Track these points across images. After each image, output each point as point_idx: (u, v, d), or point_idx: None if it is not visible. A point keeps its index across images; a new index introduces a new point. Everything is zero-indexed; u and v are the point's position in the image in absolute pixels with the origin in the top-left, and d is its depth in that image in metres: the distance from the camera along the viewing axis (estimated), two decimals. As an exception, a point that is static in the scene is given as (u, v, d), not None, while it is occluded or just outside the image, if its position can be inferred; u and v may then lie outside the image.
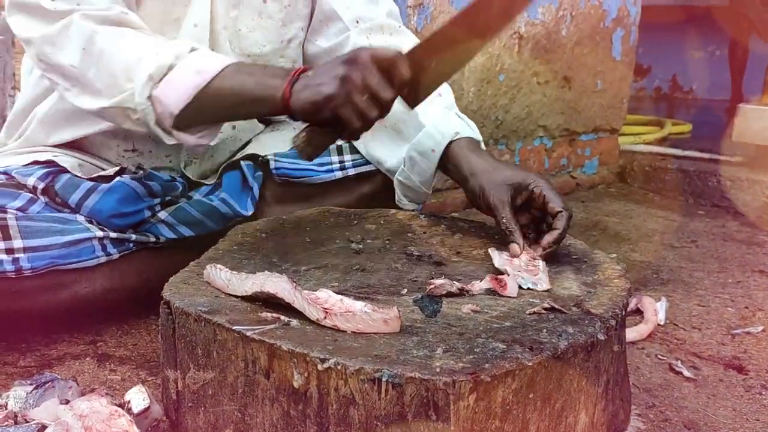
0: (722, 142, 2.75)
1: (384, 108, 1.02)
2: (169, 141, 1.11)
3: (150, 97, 1.05)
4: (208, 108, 1.08)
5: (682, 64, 5.25)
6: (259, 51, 1.34)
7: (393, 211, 1.27)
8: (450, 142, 1.20)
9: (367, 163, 1.40)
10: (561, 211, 1.06)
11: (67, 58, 1.08)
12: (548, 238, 1.05)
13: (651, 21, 3.05)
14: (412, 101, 1.07)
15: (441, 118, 1.23)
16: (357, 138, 1.07)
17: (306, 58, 1.45)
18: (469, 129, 1.23)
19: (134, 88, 1.05)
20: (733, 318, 1.40)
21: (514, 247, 1.03)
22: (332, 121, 1.02)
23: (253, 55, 1.34)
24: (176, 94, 1.05)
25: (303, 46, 1.43)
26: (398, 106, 1.09)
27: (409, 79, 1.02)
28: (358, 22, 1.36)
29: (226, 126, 1.33)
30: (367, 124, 1.03)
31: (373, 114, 1.01)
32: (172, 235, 1.27)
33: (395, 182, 1.33)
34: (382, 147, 1.34)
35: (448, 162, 1.21)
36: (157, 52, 1.06)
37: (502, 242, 1.07)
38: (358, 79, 0.99)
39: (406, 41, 1.36)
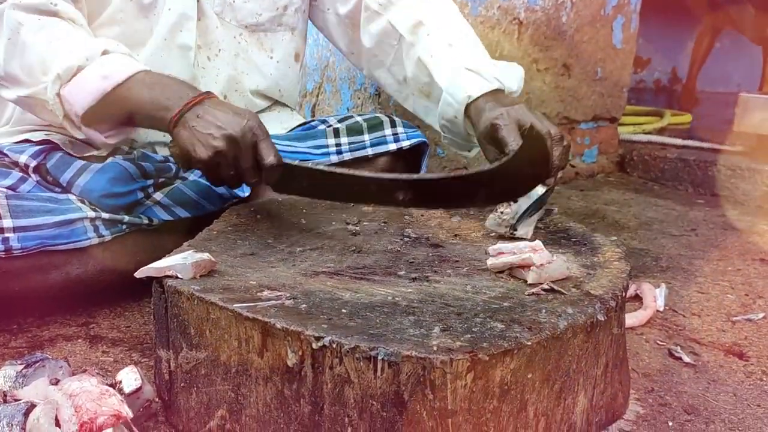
0: (722, 133, 2.74)
1: (241, 183, 1.09)
2: (79, 135, 1.12)
3: (58, 95, 1.06)
4: (112, 112, 1.09)
5: (682, 57, 5.23)
6: (255, 20, 1.33)
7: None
8: (467, 105, 1.21)
9: (365, 147, 1.38)
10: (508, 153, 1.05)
11: None
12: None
13: (650, 12, 3.03)
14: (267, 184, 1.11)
15: (452, 80, 1.25)
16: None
17: (325, 29, 1.48)
18: (479, 83, 1.21)
19: (46, 83, 1.06)
20: (733, 305, 1.39)
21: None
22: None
23: (251, 25, 1.33)
24: (81, 96, 1.06)
25: (313, 15, 1.43)
26: (413, 68, 1.27)
27: (274, 178, 1.07)
28: None
29: None
30: (231, 186, 1.10)
31: (233, 186, 1.09)
32: (167, 217, 1.25)
33: (443, 139, 1.37)
34: (419, 108, 1.39)
35: (470, 120, 1.22)
36: (71, 51, 1.07)
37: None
38: (232, 160, 1.03)
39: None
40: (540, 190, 1.04)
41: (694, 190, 2.48)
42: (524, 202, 1.04)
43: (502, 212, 1.06)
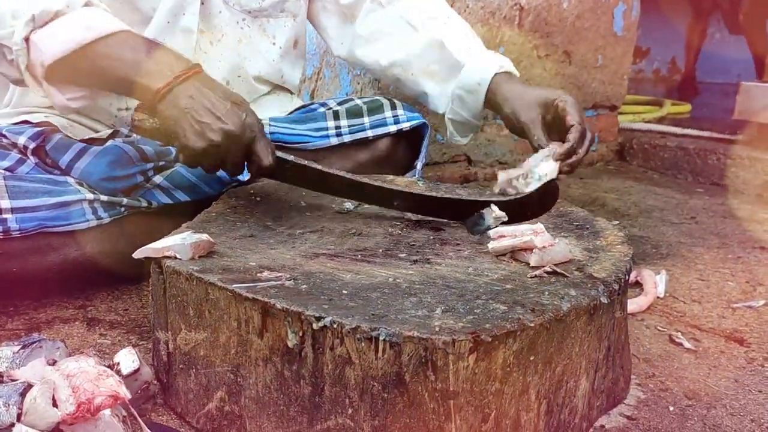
0: (722, 122, 2.73)
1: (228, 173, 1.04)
2: (38, 93, 1.04)
3: (27, 40, 0.98)
4: (83, 69, 1.00)
5: (681, 47, 5.21)
6: (258, 6, 1.32)
7: (391, 177, 1.25)
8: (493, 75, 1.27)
9: (365, 129, 1.37)
10: (573, 125, 1.11)
11: None
12: (559, 150, 1.08)
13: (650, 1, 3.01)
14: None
15: (480, 55, 1.32)
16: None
17: (315, 16, 1.47)
18: (509, 64, 1.31)
19: (14, 27, 0.98)
20: (733, 292, 1.38)
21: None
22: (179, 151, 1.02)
23: (254, 10, 1.32)
24: (54, 43, 0.97)
25: (311, 7, 1.44)
26: (429, 50, 1.33)
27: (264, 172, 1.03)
28: None
29: None
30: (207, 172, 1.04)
31: (214, 173, 1.05)
32: (167, 200, 1.24)
33: (446, 121, 1.39)
34: (419, 88, 1.41)
35: (487, 93, 1.28)
36: None
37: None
38: (223, 153, 0.99)
39: None
40: (552, 165, 1.05)
41: (694, 178, 2.47)
42: (533, 163, 1.05)
43: (510, 175, 1.07)
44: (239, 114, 0.99)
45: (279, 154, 1.04)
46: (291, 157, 1.06)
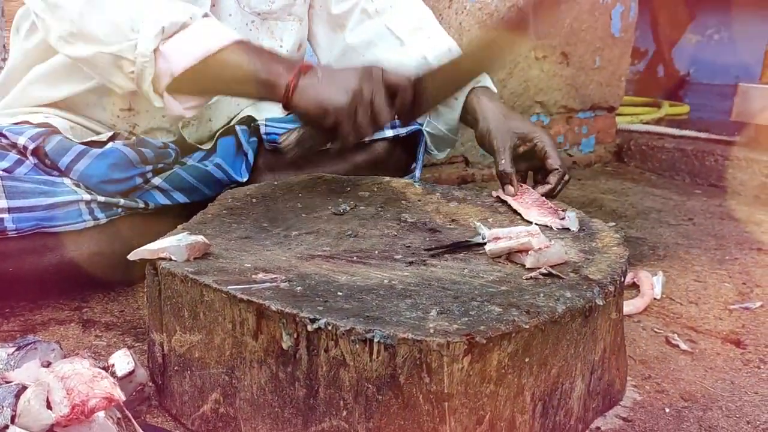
0: (720, 123, 2.73)
1: (379, 128, 1.07)
2: (157, 103, 1.08)
3: (155, 51, 1.02)
4: (208, 77, 1.05)
5: (679, 48, 5.21)
6: (268, 8, 1.33)
7: (387, 178, 1.25)
8: (470, 90, 1.27)
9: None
10: (557, 169, 1.15)
11: (70, 1, 1.05)
12: (540, 190, 1.14)
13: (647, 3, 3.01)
14: (406, 120, 1.17)
15: None
16: (343, 151, 1.11)
17: (310, 28, 1.46)
18: (488, 80, 1.31)
19: (138, 39, 1.02)
20: (730, 294, 1.38)
21: (509, 189, 1.13)
22: (328, 129, 1.04)
23: (263, 12, 1.33)
24: (184, 53, 1.02)
25: (309, 13, 1.45)
26: (412, 64, 1.26)
27: (409, 103, 1.08)
28: None
29: None
30: (359, 139, 1.06)
31: (369, 132, 1.06)
32: (166, 201, 1.24)
33: (425, 134, 1.39)
34: None
35: (464, 107, 1.28)
36: (171, 8, 1.03)
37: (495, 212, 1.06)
38: (368, 98, 1.02)
39: (408, 2, 1.43)
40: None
41: (692, 179, 2.48)
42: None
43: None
44: (360, 67, 1.05)
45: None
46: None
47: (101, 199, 1.16)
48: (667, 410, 0.94)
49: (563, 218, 1.04)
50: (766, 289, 1.41)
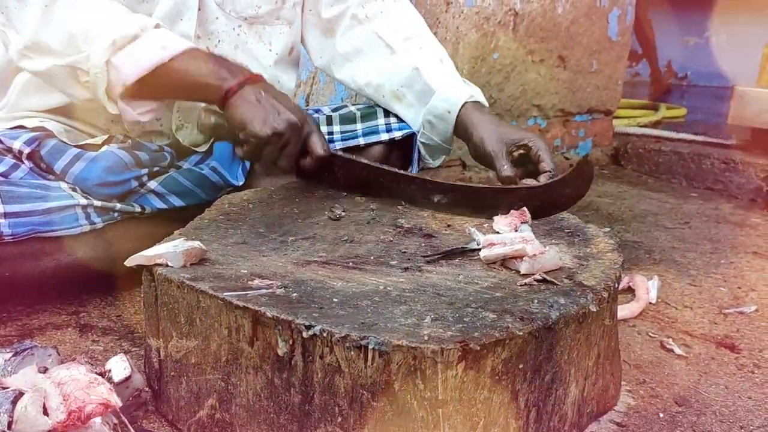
0: (716, 126, 2.73)
1: (273, 170, 1.15)
2: (112, 110, 1.11)
3: (107, 62, 1.05)
4: (159, 85, 1.10)
5: (677, 51, 5.22)
6: (255, 13, 1.33)
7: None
8: (462, 104, 1.29)
9: (357, 137, 1.38)
10: (549, 171, 1.16)
11: (27, 15, 1.07)
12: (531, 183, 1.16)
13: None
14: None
15: (452, 83, 1.33)
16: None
17: (302, 32, 1.46)
18: (479, 94, 1.33)
19: (90, 51, 1.05)
20: (725, 298, 1.39)
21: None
22: (235, 140, 1.13)
23: (250, 17, 1.32)
24: (135, 64, 1.06)
25: (302, 15, 1.44)
26: (402, 74, 1.35)
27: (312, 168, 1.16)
28: None
29: None
30: (253, 163, 1.17)
31: (263, 166, 1.14)
32: (162, 205, 1.25)
33: (419, 144, 1.40)
34: (397, 108, 1.42)
35: (457, 121, 1.30)
36: (123, 20, 1.07)
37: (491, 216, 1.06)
38: (282, 143, 1.09)
39: (400, 9, 1.43)
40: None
41: (688, 183, 2.48)
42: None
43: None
44: (299, 110, 1.12)
45: (332, 148, 1.17)
46: (340, 152, 1.19)
47: (97, 203, 1.16)
48: (661, 415, 0.94)
49: (516, 229, 1.02)
50: (761, 293, 1.41)
